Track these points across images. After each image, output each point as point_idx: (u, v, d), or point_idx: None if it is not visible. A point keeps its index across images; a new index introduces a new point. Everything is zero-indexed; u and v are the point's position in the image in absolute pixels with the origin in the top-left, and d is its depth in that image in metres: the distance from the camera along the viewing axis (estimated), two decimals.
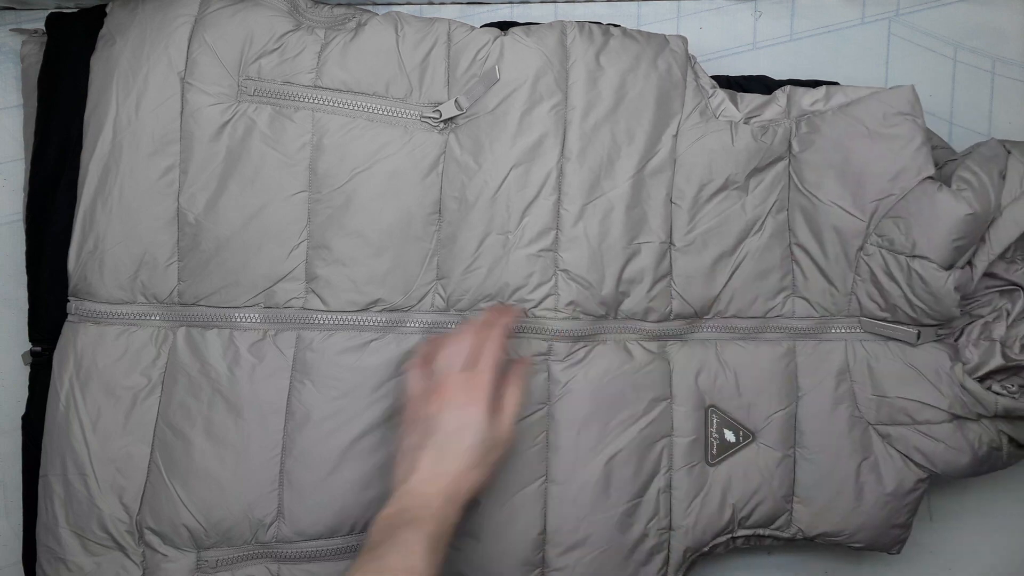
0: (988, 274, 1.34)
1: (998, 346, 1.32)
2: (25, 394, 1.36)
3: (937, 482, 1.41)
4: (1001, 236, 1.31)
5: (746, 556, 1.53)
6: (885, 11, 1.54)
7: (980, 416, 1.34)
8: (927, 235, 1.29)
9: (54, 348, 1.32)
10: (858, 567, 1.56)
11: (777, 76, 1.46)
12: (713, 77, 1.42)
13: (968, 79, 1.54)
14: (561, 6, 1.52)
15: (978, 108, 1.54)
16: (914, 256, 1.30)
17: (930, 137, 1.35)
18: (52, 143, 1.34)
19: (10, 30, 1.45)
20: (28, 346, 1.36)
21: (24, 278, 1.36)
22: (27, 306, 1.36)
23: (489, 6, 1.52)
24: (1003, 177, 1.31)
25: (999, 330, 1.33)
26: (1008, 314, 1.34)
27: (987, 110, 1.54)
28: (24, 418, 1.35)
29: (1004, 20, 1.54)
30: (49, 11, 1.40)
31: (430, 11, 1.49)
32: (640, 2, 1.53)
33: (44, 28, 1.38)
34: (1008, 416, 1.33)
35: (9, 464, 1.42)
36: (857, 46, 1.54)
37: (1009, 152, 1.33)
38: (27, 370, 1.37)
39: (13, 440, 1.37)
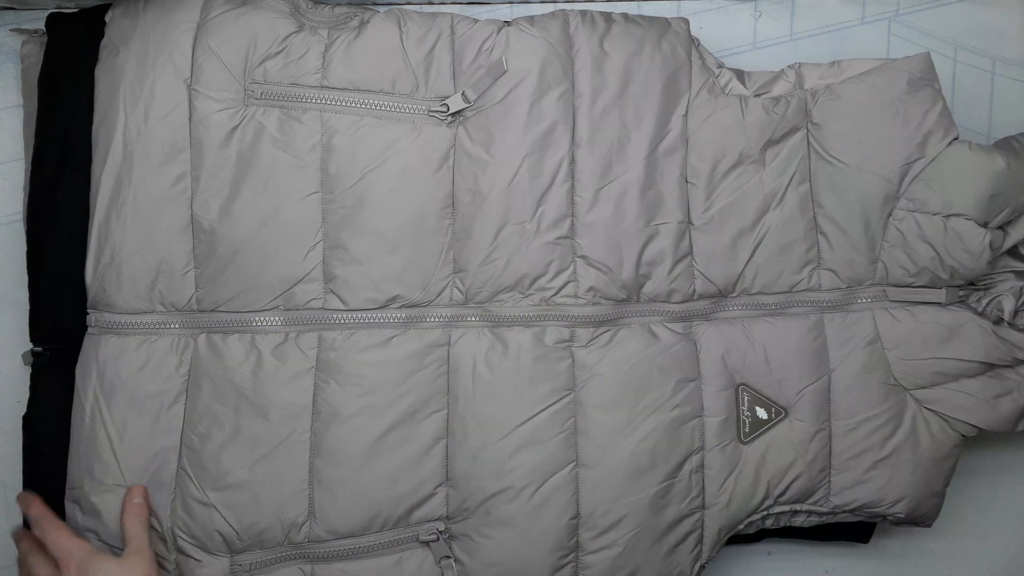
0: (1016, 255, 1.38)
1: (1006, 324, 1.36)
2: (25, 394, 1.34)
3: None
4: None
5: (746, 556, 1.53)
6: (885, 11, 1.54)
7: (1018, 361, 1.35)
8: (963, 192, 1.31)
9: (54, 349, 1.32)
10: (858, 567, 1.56)
11: None
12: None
13: (968, 79, 1.55)
14: (561, 5, 1.51)
15: (978, 108, 1.55)
16: (950, 215, 1.32)
17: None
18: (52, 143, 1.33)
19: (10, 30, 1.45)
20: (28, 346, 1.34)
21: (24, 278, 1.35)
22: (27, 306, 1.34)
23: (489, 6, 1.52)
24: None
25: (1008, 305, 1.35)
26: (1022, 293, 1.36)
27: (987, 110, 1.55)
28: (25, 418, 1.33)
29: (1004, 20, 1.55)
30: (49, 11, 1.40)
31: (430, 11, 1.48)
32: (640, 2, 1.52)
33: (44, 28, 1.38)
34: None
35: (9, 464, 1.40)
36: (857, 46, 1.54)
37: None
38: (27, 370, 1.36)
39: (13, 440, 1.35)
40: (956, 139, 1.34)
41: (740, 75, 1.40)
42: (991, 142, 1.41)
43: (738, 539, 1.41)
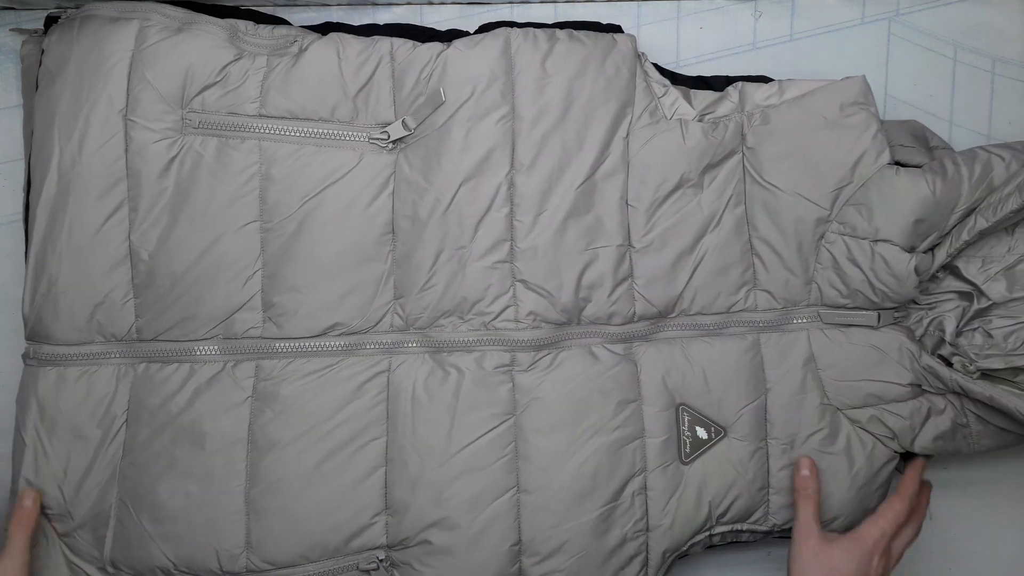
0: (959, 276, 1.39)
1: (947, 345, 1.37)
2: None
3: (937, 481, 1.41)
4: (963, 234, 1.33)
5: (745, 556, 1.52)
6: (885, 11, 1.54)
7: (945, 391, 1.35)
8: (889, 218, 1.32)
9: None
10: None
11: (778, 76, 1.45)
12: (712, 77, 1.43)
13: (968, 79, 1.54)
14: (561, 6, 1.51)
15: (978, 108, 1.54)
16: (877, 240, 1.32)
17: (883, 125, 1.37)
18: None
19: (10, 30, 1.44)
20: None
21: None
22: None
23: (489, 6, 1.51)
24: (987, 178, 1.32)
25: (950, 326, 1.38)
26: (964, 314, 1.38)
27: (987, 110, 1.54)
28: None
29: (1004, 20, 1.54)
30: (49, 11, 1.39)
31: (429, 11, 1.48)
32: (640, 2, 1.52)
33: (44, 28, 1.37)
34: (966, 395, 1.33)
35: (9, 464, 1.37)
36: (857, 46, 1.54)
37: (994, 155, 1.34)
38: None
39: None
40: (888, 163, 1.33)
41: (687, 95, 1.40)
42: (990, 142, 1.40)
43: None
